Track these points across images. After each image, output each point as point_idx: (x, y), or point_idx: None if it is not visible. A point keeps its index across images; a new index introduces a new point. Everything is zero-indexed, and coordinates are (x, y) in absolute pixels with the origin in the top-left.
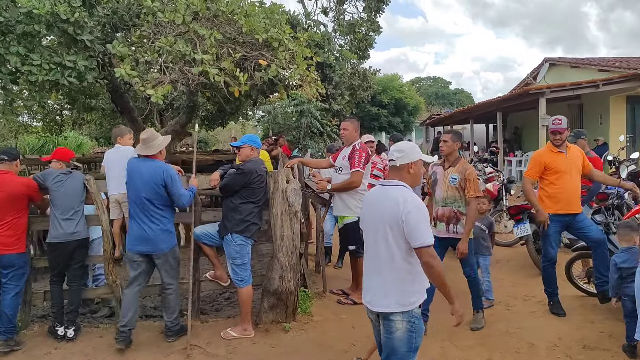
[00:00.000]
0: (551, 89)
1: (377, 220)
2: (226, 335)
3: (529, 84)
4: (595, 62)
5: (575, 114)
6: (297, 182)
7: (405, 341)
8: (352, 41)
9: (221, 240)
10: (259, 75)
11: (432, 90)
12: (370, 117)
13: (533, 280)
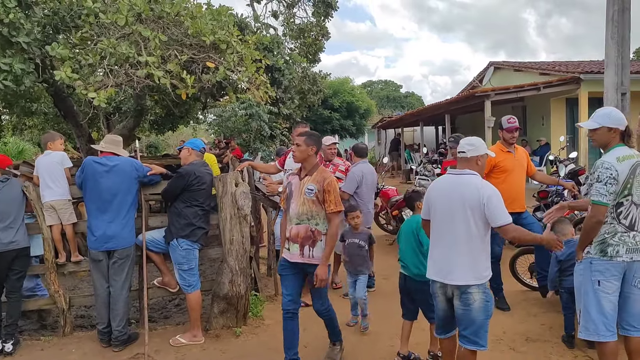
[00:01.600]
0: (496, 92)
1: (456, 203)
2: (175, 342)
3: (475, 86)
4: (537, 66)
5: (519, 116)
6: (246, 186)
7: (483, 310)
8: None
9: (167, 246)
10: (207, 77)
11: (383, 93)
12: (322, 120)
13: None
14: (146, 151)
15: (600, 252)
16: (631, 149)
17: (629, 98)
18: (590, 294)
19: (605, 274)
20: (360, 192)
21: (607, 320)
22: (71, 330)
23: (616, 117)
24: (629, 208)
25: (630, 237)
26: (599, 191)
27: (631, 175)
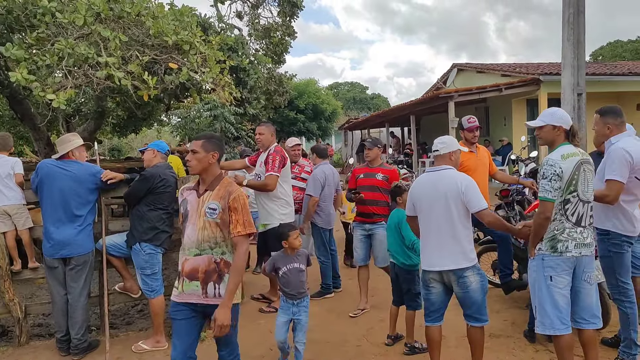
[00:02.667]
0: (459, 93)
1: (439, 197)
2: (137, 348)
3: (439, 88)
4: (499, 67)
5: (481, 117)
6: None
7: (481, 289)
8: (268, 45)
9: (129, 250)
10: (170, 79)
11: (350, 95)
12: (288, 121)
13: None
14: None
15: (550, 249)
16: (576, 147)
17: (584, 98)
18: (543, 290)
19: (556, 269)
20: (322, 194)
21: (561, 314)
22: (27, 340)
23: (560, 115)
24: (576, 205)
25: (578, 233)
26: (545, 187)
27: (576, 172)
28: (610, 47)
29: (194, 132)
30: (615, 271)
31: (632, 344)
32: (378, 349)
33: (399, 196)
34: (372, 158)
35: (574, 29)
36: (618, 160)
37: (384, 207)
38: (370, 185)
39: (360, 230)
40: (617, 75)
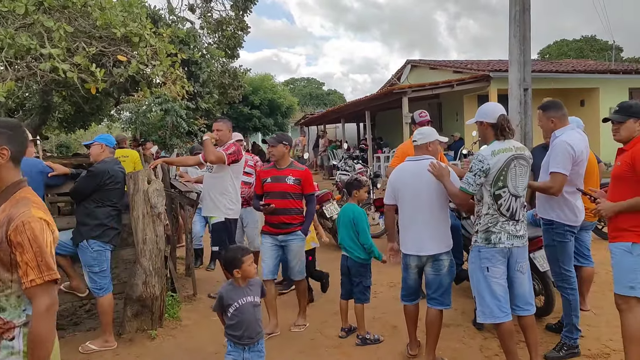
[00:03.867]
0: (412, 89)
1: (420, 185)
2: (85, 349)
3: (393, 84)
4: (451, 64)
5: (434, 112)
6: (159, 183)
7: (450, 274)
8: (221, 39)
9: (75, 248)
10: (119, 71)
11: (306, 90)
12: (243, 117)
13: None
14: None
15: (485, 241)
16: (506, 141)
17: (530, 93)
18: (481, 280)
19: (492, 260)
20: None
21: (500, 302)
22: None
23: (484, 111)
24: (508, 200)
25: (511, 225)
26: (468, 180)
27: (505, 168)
28: (556, 46)
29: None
30: (559, 260)
31: (573, 329)
32: (331, 342)
33: (357, 190)
34: (277, 157)
35: (520, 26)
36: (561, 154)
37: (298, 215)
38: (280, 192)
39: (270, 240)
40: (562, 73)
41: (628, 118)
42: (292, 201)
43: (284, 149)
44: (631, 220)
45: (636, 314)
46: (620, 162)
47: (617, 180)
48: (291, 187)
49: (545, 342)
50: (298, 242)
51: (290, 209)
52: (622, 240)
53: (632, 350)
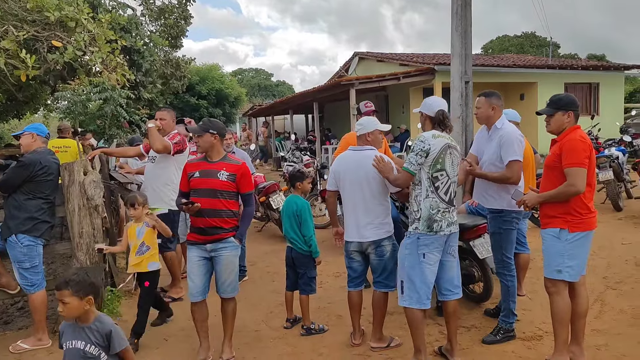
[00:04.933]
0: (360, 81)
1: (360, 174)
2: (16, 348)
3: (342, 76)
4: (397, 57)
5: (382, 104)
6: (96, 174)
7: (393, 258)
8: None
9: (4, 243)
10: (53, 57)
11: (254, 81)
12: (190, 107)
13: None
14: None
15: (427, 228)
16: (443, 133)
17: (472, 86)
18: (416, 267)
19: (430, 246)
20: None
21: (428, 289)
22: None
23: (427, 103)
24: (446, 183)
25: (450, 212)
26: (410, 160)
27: (442, 152)
28: (498, 41)
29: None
30: (502, 247)
31: (510, 314)
32: (276, 333)
33: (300, 182)
34: (205, 149)
35: (462, 20)
36: (515, 143)
37: (231, 219)
38: (210, 189)
39: (196, 252)
40: (503, 67)
41: (557, 111)
42: (224, 201)
43: (211, 138)
44: (559, 207)
45: (564, 296)
46: (552, 153)
47: (548, 169)
48: (224, 184)
49: (484, 327)
50: (230, 250)
51: (222, 210)
52: (551, 227)
53: (561, 331)
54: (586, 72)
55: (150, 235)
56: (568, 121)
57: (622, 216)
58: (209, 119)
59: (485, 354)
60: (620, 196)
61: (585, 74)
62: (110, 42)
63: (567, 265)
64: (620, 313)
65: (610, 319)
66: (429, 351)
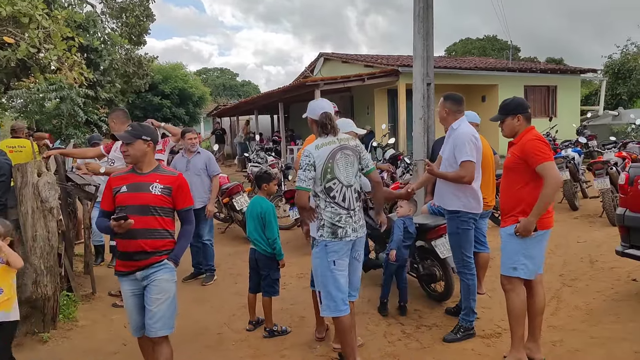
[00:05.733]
0: (325, 81)
1: None
2: None
3: (307, 76)
4: (362, 58)
5: (347, 105)
6: (51, 175)
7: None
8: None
9: None
10: (5, 54)
11: (219, 81)
12: (152, 107)
13: (307, 258)
14: None
15: (332, 235)
16: (329, 136)
17: (433, 87)
18: (328, 274)
19: (339, 252)
20: None
21: (343, 295)
22: None
23: (311, 107)
24: (341, 190)
25: (352, 217)
26: (300, 177)
27: (330, 160)
28: (462, 44)
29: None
30: (462, 247)
31: (470, 312)
32: (239, 335)
33: (267, 184)
34: (136, 159)
35: (424, 23)
36: (468, 143)
37: (166, 239)
38: (140, 206)
39: (128, 285)
40: (465, 69)
41: (506, 116)
42: (159, 219)
43: (144, 146)
44: (518, 206)
45: (519, 294)
46: (511, 154)
47: (508, 170)
48: (157, 199)
49: (445, 325)
50: (164, 274)
51: (155, 230)
52: (508, 225)
53: (516, 328)
54: (545, 75)
55: (4, 275)
56: (519, 124)
57: (577, 215)
58: (139, 124)
59: (446, 352)
60: (576, 196)
61: (543, 77)
62: (66, 40)
63: (522, 263)
64: (575, 309)
65: (566, 316)
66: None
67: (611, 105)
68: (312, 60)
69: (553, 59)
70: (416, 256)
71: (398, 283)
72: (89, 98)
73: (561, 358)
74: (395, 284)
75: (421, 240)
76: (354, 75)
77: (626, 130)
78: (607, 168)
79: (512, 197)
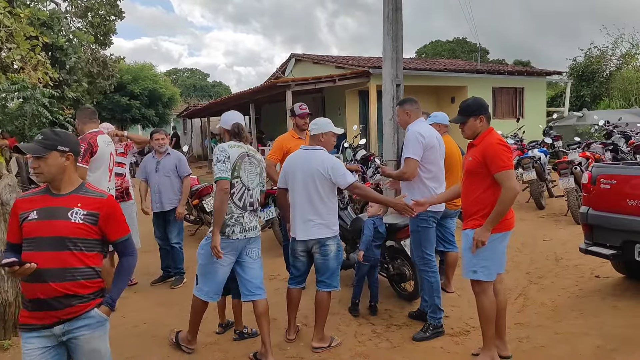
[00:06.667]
0: (296, 82)
1: (308, 174)
2: None
3: (278, 77)
4: (333, 59)
5: (318, 106)
6: (12, 178)
7: (337, 258)
8: (90, 25)
9: None
10: None
11: (190, 82)
12: (121, 108)
13: (278, 259)
14: None
15: (220, 232)
16: (240, 143)
17: (403, 89)
18: (209, 266)
19: (224, 249)
20: None
21: (218, 287)
22: None
23: (223, 118)
24: (241, 189)
25: (244, 218)
26: (220, 169)
27: (239, 161)
28: (432, 46)
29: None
30: (422, 245)
31: (436, 310)
32: (208, 339)
33: None
34: (51, 176)
35: (393, 25)
36: (412, 142)
37: (91, 281)
38: (55, 238)
39: (38, 342)
40: (435, 71)
41: (468, 117)
42: (78, 255)
43: (61, 160)
44: (480, 209)
45: (489, 295)
46: (472, 157)
47: (469, 173)
48: (77, 229)
49: (414, 324)
50: (95, 330)
51: (76, 269)
52: (469, 227)
53: (488, 329)
54: (512, 77)
55: None
56: (481, 125)
57: (544, 214)
58: (53, 131)
59: (415, 350)
60: (543, 195)
61: (511, 78)
62: (30, 39)
63: (482, 266)
64: (541, 306)
65: (532, 313)
66: (358, 352)
67: (576, 107)
68: (284, 61)
69: (521, 62)
70: (386, 256)
71: (369, 283)
72: (54, 98)
73: (528, 354)
74: (366, 284)
75: (391, 240)
76: (325, 76)
77: (590, 131)
78: (572, 168)
79: (474, 200)
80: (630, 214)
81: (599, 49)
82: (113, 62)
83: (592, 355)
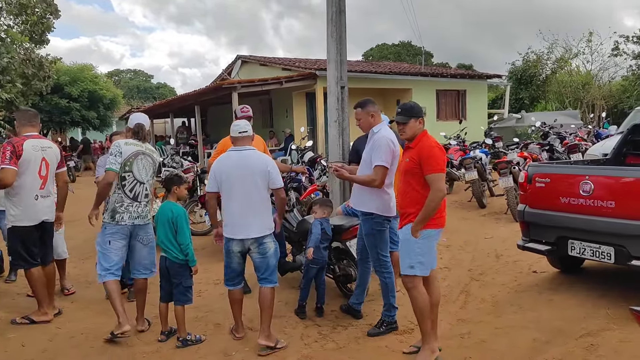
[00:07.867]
0: (242, 84)
1: (247, 173)
2: None
3: (224, 79)
4: (280, 61)
5: (266, 108)
6: None
7: (275, 255)
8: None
9: None
10: None
11: (133, 83)
12: (59, 110)
13: None
14: None
15: (110, 218)
16: (140, 142)
17: (347, 91)
18: (104, 251)
19: (115, 235)
20: None
21: (111, 268)
22: None
23: (130, 119)
24: (132, 183)
25: (134, 207)
26: (111, 161)
27: (132, 157)
28: (378, 49)
29: None
30: (377, 247)
31: (391, 308)
32: (150, 347)
33: (177, 186)
34: None
35: (337, 27)
36: (384, 149)
37: None
38: None
39: None
40: (380, 74)
41: (410, 119)
42: None
43: None
44: (414, 208)
45: (420, 290)
46: (409, 159)
47: (406, 175)
48: None
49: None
50: None
51: None
52: (405, 225)
53: (424, 323)
54: (455, 80)
55: None
56: (420, 127)
57: (485, 213)
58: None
59: (361, 350)
60: (484, 194)
61: (454, 81)
62: None
63: (418, 262)
64: (482, 302)
65: (474, 309)
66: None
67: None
68: (229, 62)
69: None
70: (332, 257)
71: (317, 285)
72: None
73: (469, 350)
74: (313, 286)
75: (337, 241)
76: (272, 78)
77: (528, 132)
78: (511, 167)
79: (409, 200)
80: (563, 211)
81: (535, 54)
82: (49, 63)
83: (529, 348)
